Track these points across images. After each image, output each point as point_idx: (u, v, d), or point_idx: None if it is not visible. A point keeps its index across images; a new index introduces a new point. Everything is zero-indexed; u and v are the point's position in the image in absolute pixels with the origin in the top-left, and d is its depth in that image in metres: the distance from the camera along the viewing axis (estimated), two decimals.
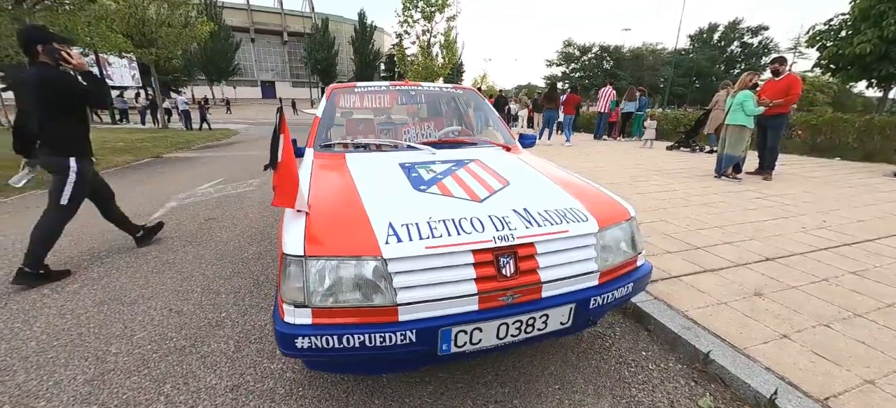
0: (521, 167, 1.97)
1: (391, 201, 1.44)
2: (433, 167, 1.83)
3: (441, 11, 13.23)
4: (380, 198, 1.46)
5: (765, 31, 45.63)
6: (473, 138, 2.44)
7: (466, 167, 1.85)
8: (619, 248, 1.51)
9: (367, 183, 1.61)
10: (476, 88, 4.28)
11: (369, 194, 1.48)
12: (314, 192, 1.55)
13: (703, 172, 6.08)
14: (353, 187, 1.55)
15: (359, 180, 1.63)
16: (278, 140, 1.24)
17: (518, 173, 1.84)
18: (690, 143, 9.01)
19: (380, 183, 1.64)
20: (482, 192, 1.54)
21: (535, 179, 1.80)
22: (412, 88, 2.70)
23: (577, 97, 11.40)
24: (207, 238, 3.41)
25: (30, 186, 3.20)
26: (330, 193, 1.55)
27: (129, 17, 13.31)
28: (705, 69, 47.18)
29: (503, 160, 2.08)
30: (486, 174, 1.75)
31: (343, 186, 1.60)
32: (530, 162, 2.09)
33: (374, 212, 1.34)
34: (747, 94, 5.08)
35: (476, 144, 2.35)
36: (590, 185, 1.78)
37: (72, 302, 2.32)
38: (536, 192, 1.62)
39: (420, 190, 1.54)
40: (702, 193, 4.72)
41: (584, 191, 1.68)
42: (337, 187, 1.61)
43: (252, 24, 51.51)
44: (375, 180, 1.67)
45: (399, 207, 1.40)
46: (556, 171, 1.96)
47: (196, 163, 7.81)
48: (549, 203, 1.49)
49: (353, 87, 2.60)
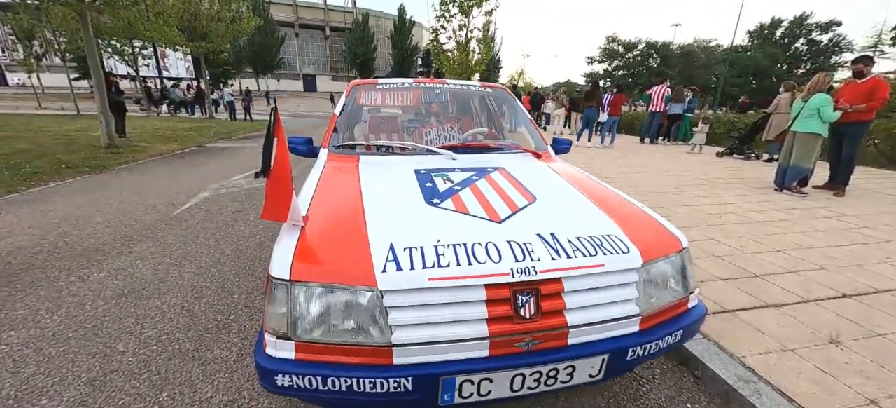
0: (551, 179, 1.74)
1: (397, 217, 1.27)
2: (451, 176, 1.64)
3: (479, 5, 12.91)
4: (385, 212, 1.30)
5: (837, 27, 41.26)
6: (500, 143, 2.22)
7: (489, 177, 1.65)
8: (667, 286, 1.25)
9: (376, 193, 1.45)
10: (511, 86, 4.04)
11: (375, 207, 1.32)
12: (317, 200, 1.41)
13: (761, 184, 5.47)
14: (358, 198, 1.40)
15: (367, 189, 1.47)
16: (271, 144, 1.10)
17: (548, 186, 1.61)
18: (745, 149, 8.21)
19: (389, 193, 1.48)
20: (503, 210, 1.33)
21: (568, 194, 1.56)
22: (437, 86, 2.51)
23: (624, 97, 10.75)
24: (231, 232, 3.42)
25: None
26: (332, 204, 1.40)
27: (184, 12, 14.07)
28: (764, 68, 43.47)
29: (532, 169, 1.85)
30: (511, 187, 1.54)
31: (348, 195, 1.44)
32: (563, 172, 1.85)
33: (375, 230, 1.17)
34: (825, 97, 4.46)
35: (502, 150, 2.13)
36: (633, 204, 1.52)
37: (94, 292, 2.36)
38: (568, 211, 1.39)
39: (432, 204, 1.36)
40: (760, 208, 4.21)
41: (626, 212, 1.43)
42: (341, 196, 1.46)
43: (297, 19, 53.32)
44: (385, 190, 1.51)
45: (405, 224, 1.22)
46: (593, 184, 1.71)
47: (234, 153, 8.09)
48: (582, 227, 1.26)
49: (375, 83, 2.45)
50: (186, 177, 5.66)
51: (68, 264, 2.73)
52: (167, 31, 12.24)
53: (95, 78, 7.28)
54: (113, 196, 4.50)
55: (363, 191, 1.46)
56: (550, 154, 2.22)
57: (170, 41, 13.29)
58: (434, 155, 1.95)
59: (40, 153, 6.71)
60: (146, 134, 10.12)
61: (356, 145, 2.10)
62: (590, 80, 25.86)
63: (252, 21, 17.37)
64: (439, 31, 13.68)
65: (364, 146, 2.07)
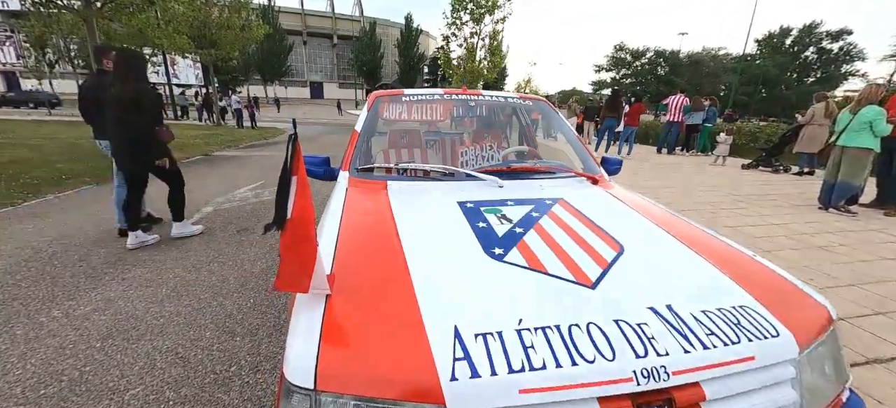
0: (628, 215, 1.41)
1: (454, 280, 0.95)
2: (506, 211, 1.32)
3: (491, 13, 12.69)
4: (437, 271, 0.97)
5: (848, 35, 40.67)
6: (548, 165, 1.90)
7: (551, 213, 1.33)
8: (824, 375, 0.92)
9: (417, 237, 1.13)
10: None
11: (420, 262, 1.00)
12: (342, 247, 1.09)
13: (801, 201, 5.09)
14: (395, 245, 1.08)
15: (406, 232, 1.16)
16: (289, 185, 0.79)
17: (629, 227, 1.28)
18: (773, 162, 7.82)
19: (435, 238, 1.16)
20: (590, 266, 1.00)
21: (660, 240, 1.23)
22: (471, 98, 2.19)
23: (642, 107, 10.41)
24: (235, 255, 3.12)
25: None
26: (364, 256, 1.08)
27: (193, 19, 14.03)
28: (774, 77, 42.93)
29: (597, 201, 1.53)
30: (585, 229, 1.21)
31: (383, 241, 1.13)
32: (635, 204, 1.52)
33: (429, 302, 0.85)
34: (878, 110, 4.10)
35: (554, 174, 1.81)
36: (744, 253, 1.19)
37: (78, 332, 2.05)
38: (673, 268, 1.06)
39: (494, 256, 1.04)
40: (812, 231, 3.83)
41: (747, 268, 1.09)
42: (374, 243, 1.14)
43: (305, 28, 53.76)
44: (428, 233, 1.19)
45: (467, 292, 0.90)
46: (680, 223, 1.38)
47: (240, 162, 7.84)
48: (704, 295, 0.93)
49: (400, 94, 2.15)
50: (190, 189, 5.37)
51: (53, 294, 2.44)
52: (177, 38, 12.18)
53: None
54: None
55: (401, 234, 1.14)
56: (606, 178, 1.90)
57: (179, 49, 13.24)
58: (475, 180, 1.63)
59: (42, 162, 6.50)
60: None
61: (382, 168, 1.79)
62: (613, 88, 25.30)
63: (261, 29, 17.33)
64: (450, 38, 13.47)
65: (392, 169, 1.75)
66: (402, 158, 2.27)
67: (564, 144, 2.30)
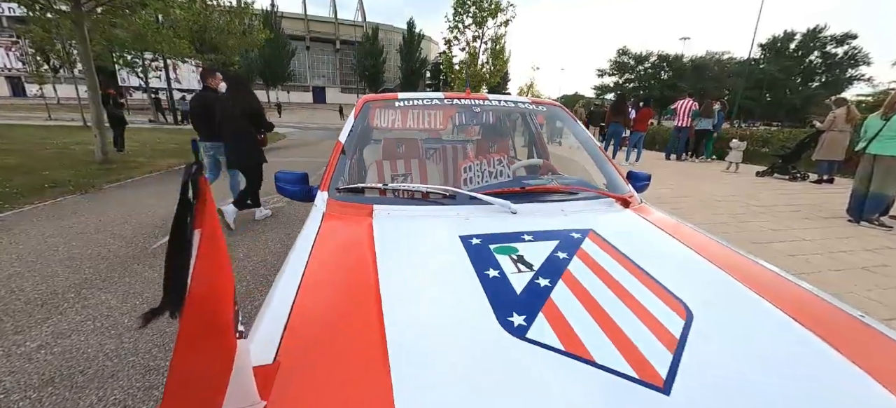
0: (677, 254, 1.10)
1: (451, 370, 0.64)
2: (523, 250, 1.02)
3: (494, 16, 12.44)
4: (427, 354, 0.67)
5: (852, 39, 40.24)
6: (568, 183, 1.59)
7: (582, 253, 1.02)
8: None
9: (403, 294, 0.83)
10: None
11: (404, 337, 0.70)
12: (301, 306, 0.79)
13: (826, 212, 4.75)
14: (373, 310, 0.77)
15: (388, 284, 0.85)
16: (189, 246, 0.49)
17: (685, 273, 0.98)
18: (790, 169, 7.48)
19: (428, 296, 0.85)
20: (655, 350, 0.69)
21: (730, 291, 0.91)
22: (476, 103, 1.89)
23: (651, 111, 10.09)
24: None
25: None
26: (328, 322, 0.77)
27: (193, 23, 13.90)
28: (778, 81, 42.55)
29: (635, 233, 1.22)
30: (630, 278, 0.91)
31: (357, 299, 0.83)
32: (680, 235, 1.22)
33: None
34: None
35: (575, 194, 1.50)
36: (831, 302, 0.89)
37: (17, 374, 1.75)
38: (761, 341, 0.75)
39: (514, 330, 0.73)
40: (848, 247, 3.50)
41: (839, 324, 0.79)
42: (344, 302, 0.83)
43: (307, 33, 53.88)
44: (420, 285, 0.89)
45: (475, 396, 0.59)
46: (740, 260, 1.08)
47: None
48: (815, 388, 0.62)
49: (394, 99, 1.85)
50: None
51: (2, 327, 2.15)
52: (177, 42, 12.02)
53: (90, 88, 6.87)
54: (89, 223, 3.96)
55: (383, 289, 0.84)
56: (636, 198, 1.58)
57: (180, 53, 13.06)
58: (481, 204, 1.33)
59: (29, 169, 6.26)
60: (147, 148, 9.70)
61: (369, 188, 1.48)
62: (618, 93, 24.61)
63: (263, 34, 17.17)
64: (452, 42, 13.21)
65: (379, 190, 1.44)
66: (394, 170, 1.97)
67: (582, 154, 1.99)
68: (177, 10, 11.94)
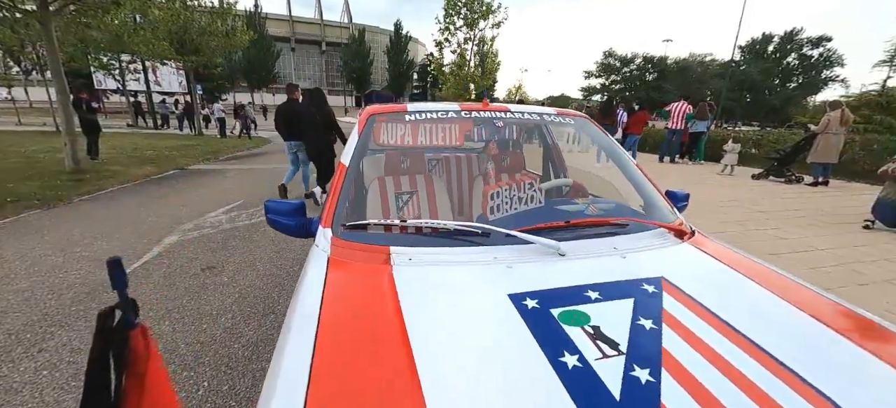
0: (771, 307, 0.90)
1: None
2: (599, 322, 0.79)
3: (485, 18, 12.27)
4: None
5: (827, 42, 41.65)
6: (610, 212, 1.36)
7: (670, 318, 0.80)
8: None
9: (456, 403, 0.59)
10: (518, 101, 3.27)
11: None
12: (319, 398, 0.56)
13: (837, 219, 4.65)
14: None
15: (430, 375, 0.63)
16: None
17: (788, 335, 0.78)
18: (785, 172, 7.47)
19: (489, 399, 0.61)
20: None
21: (845, 352, 0.72)
22: (497, 115, 1.65)
23: (646, 114, 10.03)
24: (194, 307, 2.52)
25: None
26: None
27: (172, 24, 13.36)
28: (758, 83, 43.68)
29: (710, 279, 1.01)
30: (739, 353, 0.70)
31: (395, 386, 0.60)
32: (761, 278, 1.01)
33: None
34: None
35: (625, 227, 1.27)
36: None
37: None
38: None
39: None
40: (870, 257, 3.38)
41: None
42: (376, 392, 0.60)
43: (293, 34, 52.97)
44: (475, 380, 0.65)
45: None
46: (830, 306, 0.89)
47: (217, 177, 7.19)
48: None
49: (403, 111, 1.60)
50: (156, 212, 4.74)
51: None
52: (156, 44, 11.50)
53: (59, 93, 6.42)
54: (56, 244, 3.58)
55: (425, 384, 0.60)
56: (685, 225, 1.37)
57: (159, 55, 12.51)
58: (519, 244, 1.09)
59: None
60: (123, 155, 9.19)
61: (380, 225, 1.22)
62: (608, 95, 24.27)
63: (246, 35, 16.65)
64: (443, 44, 12.99)
65: (399, 226, 1.18)
66: (398, 188, 1.73)
67: (609, 170, 1.78)
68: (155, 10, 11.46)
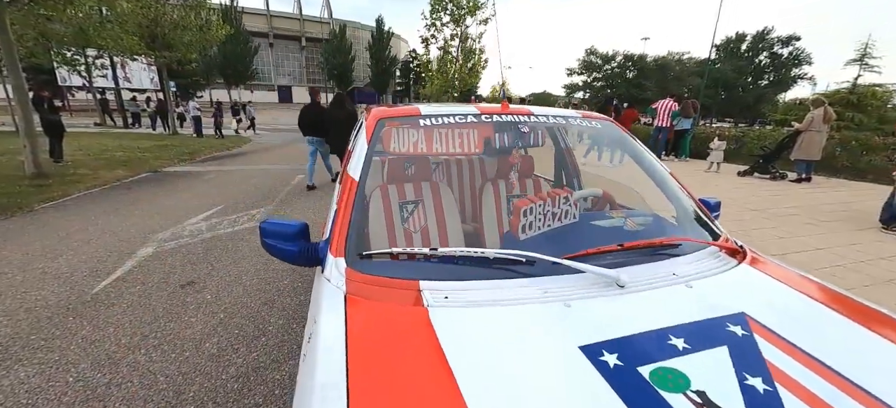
0: (856, 339, 0.78)
1: None
2: (701, 384, 0.64)
3: (472, 14, 12.08)
4: None
5: (796, 41, 43.42)
6: (661, 232, 1.22)
7: (778, 373, 0.66)
8: None
9: None
10: (508, 99, 3.12)
11: None
12: None
13: (836, 217, 4.66)
14: None
15: None
16: None
17: (881, 372, 0.64)
18: (770, 168, 7.62)
19: None
20: None
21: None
22: (522, 120, 1.48)
23: (635, 113, 10.08)
24: (174, 330, 2.27)
25: None
26: None
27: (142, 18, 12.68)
28: (732, 80, 45.15)
29: (793, 312, 0.88)
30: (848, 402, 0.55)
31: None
32: (831, 302, 0.89)
33: None
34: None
35: (677, 247, 1.13)
36: None
37: None
38: None
39: None
40: (882, 259, 3.39)
41: None
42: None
43: (271, 30, 51.48)
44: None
45: None
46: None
47: (195, 181, 6.78)
48: None
49: (416, 115, 1.42)
50: (127, 221, 4.38)
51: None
52: (124, 38, 10.84)
53: (16, 89, 5.90)
54: (13, 258, 3.23)
55: None
56: (732, 242, 1.24)
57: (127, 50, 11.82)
58: (568, 275, 0.93)
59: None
60: (91, 157, 8.60)
61: (403, 254, 1.03)
62: (604, 95, 24.25)
63: (222, 30, 15.95)
64: (429, 40, 12.74)
65: (421, 255, 1.00)
66: (403, 196, 1.54)
67: (664, 194, 1.57)
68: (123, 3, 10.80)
